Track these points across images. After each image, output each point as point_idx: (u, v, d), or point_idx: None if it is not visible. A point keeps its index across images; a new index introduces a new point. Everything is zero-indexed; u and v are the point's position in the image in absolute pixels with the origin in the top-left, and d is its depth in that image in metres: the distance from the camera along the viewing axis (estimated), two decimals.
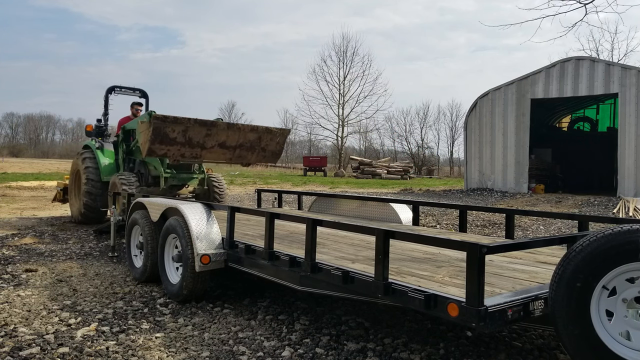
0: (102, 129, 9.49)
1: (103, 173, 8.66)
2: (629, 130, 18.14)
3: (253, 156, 6.76)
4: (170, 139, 5.83)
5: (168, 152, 5.96)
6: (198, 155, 6.27)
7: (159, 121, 5.72)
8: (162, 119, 5.72)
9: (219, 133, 6.14)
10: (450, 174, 54.14)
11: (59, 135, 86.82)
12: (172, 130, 5.81)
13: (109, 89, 9.57)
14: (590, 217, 4.31)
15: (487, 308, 2.36)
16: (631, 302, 2.32)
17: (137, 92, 9.82)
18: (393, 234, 2.87)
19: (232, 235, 4.27)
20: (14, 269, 5.78)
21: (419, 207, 6.00)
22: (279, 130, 6.82)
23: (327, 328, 3.86)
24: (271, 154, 6.94)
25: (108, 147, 9.03)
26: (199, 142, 6.04)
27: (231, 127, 6.26)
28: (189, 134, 5.91)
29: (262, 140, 6.63)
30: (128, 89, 9.79)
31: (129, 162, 8.47)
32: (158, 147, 5.86)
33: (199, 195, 8.46)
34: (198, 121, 5.94)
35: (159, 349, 3.44)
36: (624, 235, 2.28)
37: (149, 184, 8.03)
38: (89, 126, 9.61)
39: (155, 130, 5.71)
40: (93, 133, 9.43)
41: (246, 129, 6.40)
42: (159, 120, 5.73)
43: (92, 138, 9.32)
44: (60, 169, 35.95)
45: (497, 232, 9.14)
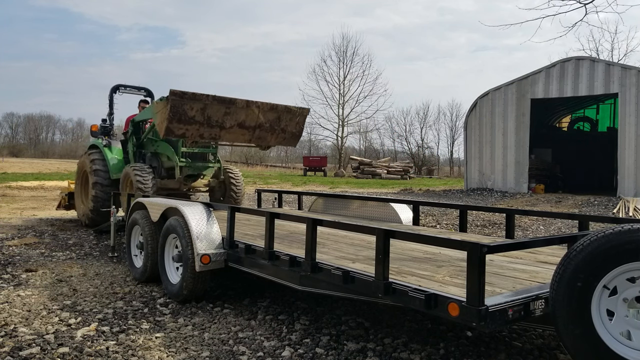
0: (107, 128, 9.22)
1: (112, 171, 8.32)
2: (629, 130, 18.14)
3: (272, 138, 6.36)
4: (188, 118, 5.49)
5: (186, 132, 5.62)
6: (217, 136, 5.92)
7: (177, 97, 5.35)
8: (180, 95, 5.36)
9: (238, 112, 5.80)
10: (450, 174, 54.14)
11: (59, 135, 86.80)
12: (191, 108, 5.47)
13: (114, 88, 9.36)
14: (590, 217, 4.31)
15: (487, 308, 2.36)
16: (632, 302, 2.32)
17: (142, 91, 9.59)
18: (393, 233, 2.87)
19: (232, 235, 4.27)
20: (14, 269, 5.77)
21: (419, 207, 6.00)
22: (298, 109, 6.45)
23: (327, 328, 3.86)
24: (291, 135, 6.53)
25: (116, 145, 8.75)
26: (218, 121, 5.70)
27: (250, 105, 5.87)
28: (208, 112, 5.57)
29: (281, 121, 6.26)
30: (133, 87, 9.58)
31: (140, 156, 8.09)
32: (176, 126, 5.49)
33: (215, 189, 8.07)
34: (217, 98, 5.59)
35: (159, 349, 3.43)
36: (625, 234, 2.28)
37: (162, 177, 7.67)
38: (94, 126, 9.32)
39: (173, 107, 5.35)
40: (98, 133, 9.15)
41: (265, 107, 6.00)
42: (177, 96, 5.36)
43: (98, 137, 9.04)
44: (60, 169, 35.95)
45: (497, 232, 9.14)
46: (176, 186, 7.66)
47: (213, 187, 8.04)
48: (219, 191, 8.05)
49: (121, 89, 9.39)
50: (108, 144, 8.68)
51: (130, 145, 8.10)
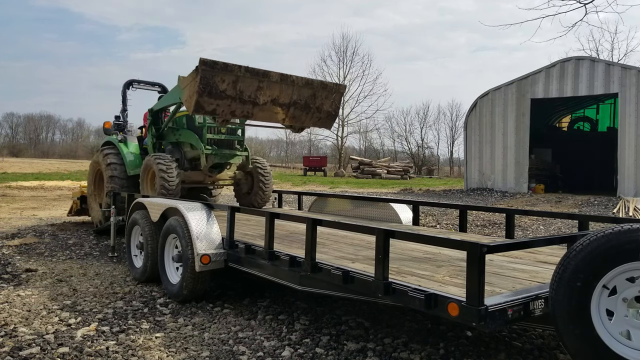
0: (121, 125, 8.74)
1: (129, 166, 7.76)
2: (629, 130, 18.14)
3: (307, 118, 5.77)
4: (219, 91, 4.91)
5: (217, 108, 5.04)
6: (249, 114, 5.32)
7: (207, 67, 4.75)
8: (211, 65, 4.77)
9: (272, 86, 5.24)
10: (450, 174, 54.15)
11: (59, 135, 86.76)
12: (222, 81, 4.89)
13: (127, 83, 8.90)
14: (590, 217, 4.31)
15: (487, 307, 2.36)
16: (631, 302, 2.32)
17: (157, 86, 9.15)
18: (393, 233, 2.87)
19: (232, 235, 4.27)
20: (14, 269, 5.77)
21: (419, 207, 6.00)
22: (334, 85, 5.91)
23: (327, 328, 3.86)
24: (326, 115, 5.95)
25: (132, 140, 8.23)
26: (250, 96, 5.14)
27: (284, 80, 5.32)
28: (240, 85, 5.00)
29: (316, 98, 5.70)
30: (147, 83, 9.10)
31: (159, 149, 7.43)
32: (207, 101, 4.89)
33: (241, 181, 7.34)
34: (249, 70, 5.03)
35: (159, 348, 3.44)
36: (624, 234, 2.28)
37: (186, 169, 7.02)
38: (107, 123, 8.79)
39: (204, 79, 4.77)
40: (112, 130, 8.67)
41: (300, 82, 5.46)
42: (208, 66, 4.76)
43: (112, 133, 8.54)
44: (60, 168, 35.96)
45: (497, 231, 9.14)
46: (200, 178, 7.10)
47: (239, 180, 7.35)
48: (245, 184, 7.33)
49: (135, 85, 8.94)
50: (123, 140, 8.17)
51: (150, 137, 7.45)
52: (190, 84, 4.99)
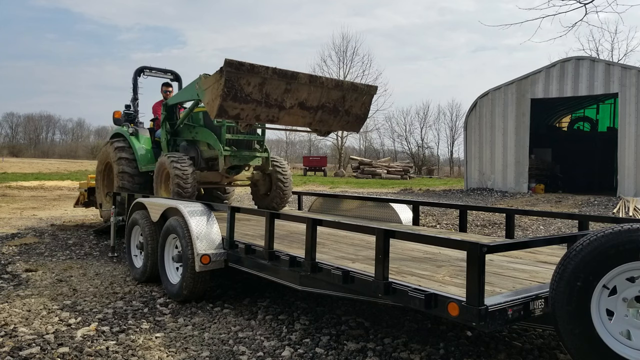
0: (131, 115, 8.28)
1: (141, 162, 7.37)
2: (629, 130, 18.14)
3: (335, 121, 5.46)
4: (245, 95, 4.59)
5: (241, 113, 4.72)
6: (275, 118, 5.02)
7: (232, 69, 4.43)
8: (236, 66, 4.43)
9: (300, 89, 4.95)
10: (450, 174, 54.14)
11: (59, 135, 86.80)
12: (248, 83, 4.57)
13: (138, 70, 8.41)
14: (590, 217, 4.31)
15: (487, 307, 2.36)
16: (631, 302, 2.32)
17: (169, 74, 8.69)
18: (393, 233, 2.87)
19: (232, 235, 4.27)
20: (14, 269, 5.77)
21: (419, 207, 6.00)
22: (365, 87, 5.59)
23: (327, 328, 3.86)
24: (355, 118, 5.62)
25: (143, 133, 7.80)
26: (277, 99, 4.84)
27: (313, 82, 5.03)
28: (267, 88, 4.70)
29: (346, 101, 5.39)
30: (159, 70, 8.64)
31: (174, 145, 6.98)
32: (231, 105, 4.57)
33: (258, 182, 7.00)
34: (277, 71, 4.74)
35: (159, 348, 3.44)
36: (624, 234, 2.28)
37: (202, 169, 6.66)
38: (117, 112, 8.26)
39: (229, 82, 4.44)
40: (122, 120, 8.16)
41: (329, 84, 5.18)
42: (233, 67, 4.43)
43: (122, 125, 8.04)
44: (60, 168, 35.96)
45: (497, 231, 9.14)
46: (217, 179, 6.74)
47: (257, 181, 7.01)
48: (263, 185, 7.00)
49: (146, 72, 8.47)
50: (135, 132, 7.70)
51: (163, 133, 6.98)
52: (213, 86, 4.68)
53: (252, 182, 7.03)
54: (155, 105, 8.05)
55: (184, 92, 6.32)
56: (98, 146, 67.64)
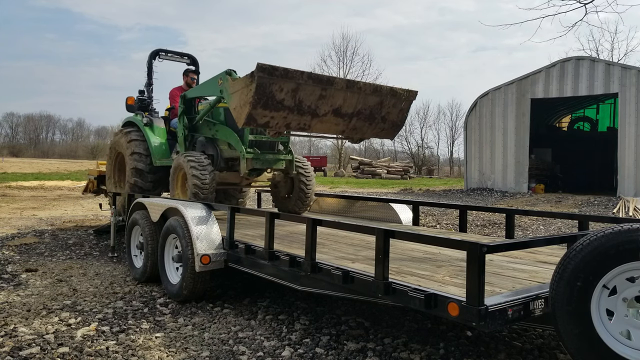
0: (145, 102, 7.67)
1: (155, 155, 6.86)
2: (629, 130, 18.15)
3: (370, 129, 5.10)
4: (276, 102, 4.25)
5: (271, 121, 4.39)
6: (307, 126, 4.69)
7: (265, 74, 4.07)
8: (269, 71, 4.08)
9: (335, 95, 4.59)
10: (450, 174, 54.15)
11: (59, 135, 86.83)
12: (280, 89, 4.22)
13: (153, 53, 7.81)
14: (590, 217, 4.31)
15: (487, 307, 2.36)
16: (631, 302, 2.32)
17: (186, 57, 8.16)
18: (393, 233, 2.88)
19: (232, 236, 4.27)
20: (14, 269, 5.77)
21: (419, 207, 6.00)
22: (404, 92, 5.19)
23: (327, 328, 3.86)
24: (391, 125, 5.26)
25: (158, 124, 7.24)
26: (310, 106, 4.50)
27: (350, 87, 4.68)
28: (300, 94, 4.35)
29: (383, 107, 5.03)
30: (175, 53, 8.09)
31: (192, 141, 6.46)
32: (260, 113, 4.23)
33: (279, 184, 6.54)
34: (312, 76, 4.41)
35: (159, 348, 3.44)
36: (624, 234, 2.28)
37: (221, 169, 6.21)
38: (130, 98, 7.67)
39: (260, 88, 4.08)
40: (135, 107, 7.57)
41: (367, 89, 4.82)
42: (266, 73, 4.07)
43: (136, 113, 7.46)
44: (60, 168, 35.96)
45: (497, 231, 9.14)
46: (236, 180, 6.36)
47: (277, 182, 6.55)
48: (284, 187, 6.55)
49: (161, 55, 7.90)
50: (149, 123, 7.16)
51: (180, 128, 6.44)
52: (242, 91, 4.33)
53: (272, 183, 6.61)
54: (174, 91, 7.48)
55: (205, 86, 5.87)
56: (98, 146, 67.75)
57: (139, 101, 7.64)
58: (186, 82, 7.51)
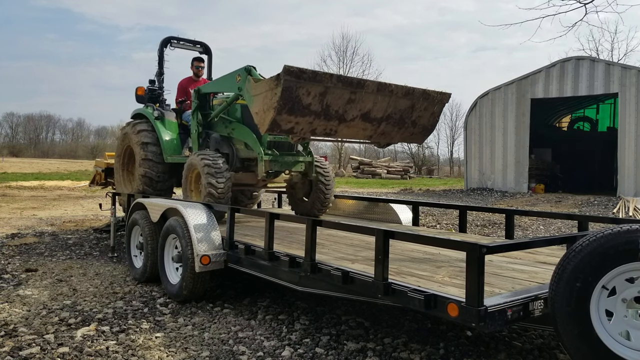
0: (156, 93, 7.28)
1: (167, 151, 6.52)
2: (629, 130, 18.15)
3: (399, 133, 4.82)
4: (302, 107, 3.96)
5: (296, 127, 4.10)
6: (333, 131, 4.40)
7: (292, 78, 3.79)
8: (296, 75, 3.79)
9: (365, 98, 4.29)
10: (450, 174, 54.13)
11: (59, 135, 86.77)
12: (307, 93, 3.93)
13: (165, 41, 7.38)
14: (590, 217, 4.31)
15: (486, 308, 2.36)
16: (631, 302, 2.33)
17: (198, 45, 7.78)
18: (393, 234, 2.88)
19: (232, 236, 4.27)
20: (14, 268, 5.78)
21: (418, 207, 6.00)
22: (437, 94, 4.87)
23: (327, 328, 3.86)
24: (422, 129, 4.95)
25: (169, 118, 6.86)
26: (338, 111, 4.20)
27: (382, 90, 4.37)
28: (328, 98, 4.06)
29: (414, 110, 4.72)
30: (187, 41, 7.67)
31: (205, 139, 6.09)
32: (285, 119, 3.95)
33: (296, 185, 6.22)
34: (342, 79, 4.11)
35: (159, 348, 3.44)
36: (624, 235, 2.29)
37: (237, 169, 5.86)
38: (140, 89, 7.27)
39: (286, 92, 3.80)
40: (145, 98, 7.19)
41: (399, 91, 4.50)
42: (293, 76, 3.79)
43: (146, 105, 7.09)
44: (60, 168, 35.96)
45: (497, 231, 9.15)
46: (252, 181, 6.08)
47: (294, 184, 6.23)
48: (301, 189, 6.22)
49: (173, 43, 7.47)
50: (160, 116, 6.77)
51: (194, 124, 6.05)
52: (266, 94, 4.04)
53: (289, 184, 6.28)
54: (183, 82, 7.16)
55: (222, 81, 5.57)
56: (98, 146, 67.68)
57: (149, 92, 7.27)
58: (194, 72, 7.20)
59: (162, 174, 6.56)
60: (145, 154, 6.51)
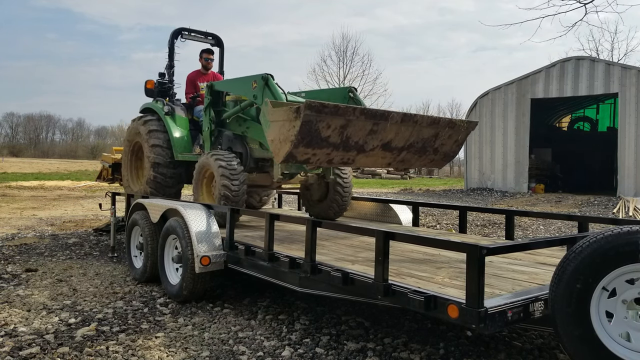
0: (166, 87, 6.97)
1: (177, 149, 6.26)
2: (629, 130, 18.15)
3: (419, 160, 4.69)
4: (321, 139, 3.84)
5: (312, 158, 4.00)
6: (350, 161, 4.31)
7: (313, 113, 3.65)
8: (317, 109, 3.66)
9: (388, 129, 4.14)
10: (450, 174, 54.13)
11: (59, 135, 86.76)
12: (327, 127, 3.79)
13: (175, 32, 7.08)
14: (590, 218, 4.31)
15: (487, 309, 2.36)
16: (631, 304, 2.33)
17: (210, 37, 7.54)
18: (393, 235, 2.88)
19: (232, 237, 4.27)
20: (14, 268, 5.78)
21: (418, 207, 6.00)
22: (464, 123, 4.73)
23: (327, 328, 3.87)
24: (443, 156, 4.82)
25: (180, 113, 6.59)
26: (358, 142, 4.08)
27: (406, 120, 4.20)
28: (349, 130, 3.93)
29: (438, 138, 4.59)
30: (199, 33, 7.41)
31: (217, 137, 5.86)
32: (302, 152, 3.84)
33: (312, 187, 5.98)
34: (365, 112, 3.94)
35: (159, 348, 3.44)
36: (624, 236, 2.28)
37: (251, 170, 5.61)
38: (149, 82, 6.96)
39: (305, 126, 3.67)
40: (155, 92, 6.88)
41: (424, 121, 4.35)
42: (314, 111, 3.65)
43: (156, 99, 6.79)
44: (60, 168, 35.96)
45: (497, 231, 9.15)
46: (267, 183, 5.85)
47: (309, 185, 5.98)
48: (317, 191, 5.97)
49: (184, 34, 7.20)
50: (170, 112, 6.49)
51: (207, 121, 5.83)
52: (283, 124, 3.85)
53: (304, 185, 6.00)
54: (192, 75, 6.96)
55: (237, 84, 5.41)
56: (98, 146, 67.62)
57: (159, 85, 6.93)
58: (202, 64, 6.99)
59: (171, 179, 6.34)
60: (156, 157, 6.26)
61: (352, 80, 51.29)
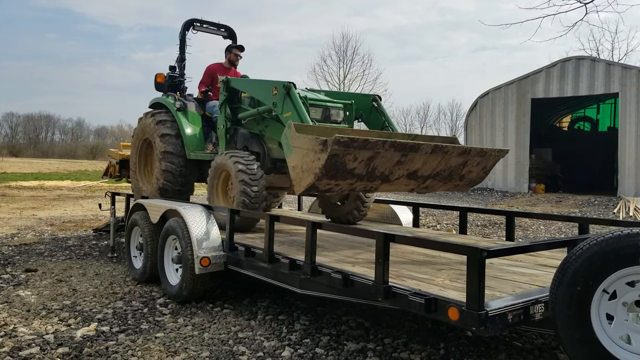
0: (177, 80, 6.61)
1: (189, 147, 5.87)
2: (629, 130, 18.14)
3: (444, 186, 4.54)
4: (346, 172, 3.64)
5: (334, 187, 3.81)
6: (373, 189, 4.18)
7: (341, 147, 3.43)
8: (346, 144, 3.43)
9: (416, 159, 3.92)
10: None
11: (59, 135, 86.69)
12: (354, 159, 3.58)
13: (187, 23, 6.76)
14: (590, 220, 4.31)
15: (487, 312, 2.36)
16: (631, 306, 2.32)
17: (222, 29, 7.21)
18: (393, 237, 2.87)
19: (232, 238, 4.27)
20: (14, 269, 5.78)
21: (419, 208, 5.99)
22: (495, 152, 4.51)
23: (327, 328, 3.86)
24: (469, 182, 4.65)
25: (192, 109, 6.18)
26: (384, 172, 3.88)
27: (436, 152, 3.97)
28: (376, 162, 3.72)
29: (466, 166, 4.38)
30: (211, 25, 7.06)
31: (233, 135, 5.56)
32: (324, 183, 3.66)
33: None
34: (395, 145, 3.67)
35: (158, 349, 3.44)
36: (625, 239, 2.28)
37: (268, 170, 5.31)
38: (159, 75, 6.62)
39: (332, 159, 3.45)
40: (165, 86, 6.54)
41: (454, 152, 4.11)
42: (342, 146, 3.42)
43: (166, 94, 6.43)
44: (59, 168, 35.96)
45: (498, 232, 9.14)
46: (285, 184, 5.48)
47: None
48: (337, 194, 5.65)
49: (196, 25, 6.87)
50: (182, 107, 6.09)
51: (222, 118, 5.52)
52: (307, 154, 3.62)
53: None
54: (213, 67, 6.56)
55: (256, 87, 5.20)
56: (97, 146, 67.60)
57: (170, 79, 6.59)
58: (229, 59, 6.63)
59: (183, 169, 5.94)
60: (166, 146, 5.88)
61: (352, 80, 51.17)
